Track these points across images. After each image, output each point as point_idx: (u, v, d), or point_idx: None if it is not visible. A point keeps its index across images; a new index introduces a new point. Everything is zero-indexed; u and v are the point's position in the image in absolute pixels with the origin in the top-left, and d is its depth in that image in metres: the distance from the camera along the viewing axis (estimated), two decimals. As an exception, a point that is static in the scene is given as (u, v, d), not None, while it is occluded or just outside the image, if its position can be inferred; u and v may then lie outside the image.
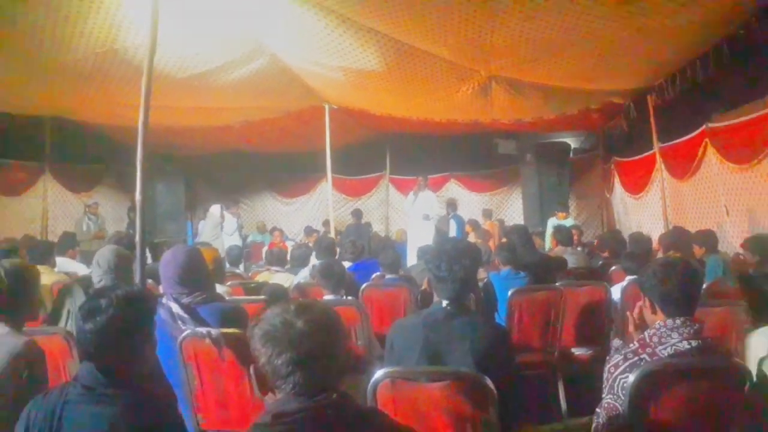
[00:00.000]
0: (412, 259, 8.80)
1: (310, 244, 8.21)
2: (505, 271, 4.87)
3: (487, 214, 12.27)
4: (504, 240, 6.35)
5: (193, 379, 2.90)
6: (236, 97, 8.01)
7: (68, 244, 6.58)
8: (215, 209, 10.88)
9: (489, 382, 2.16)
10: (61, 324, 3.62)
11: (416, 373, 2.29)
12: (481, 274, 5.12)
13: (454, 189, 13.61)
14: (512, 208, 13.06)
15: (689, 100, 7.51)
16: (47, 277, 4.57)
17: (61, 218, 10.89)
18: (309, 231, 12.20)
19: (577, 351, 4.54)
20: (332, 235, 9.35)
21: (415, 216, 10.29)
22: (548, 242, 8.86)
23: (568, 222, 9.08)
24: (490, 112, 8.78)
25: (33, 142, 10.53)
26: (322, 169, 10.22)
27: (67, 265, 5.99)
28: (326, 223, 11.17)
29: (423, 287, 4.76)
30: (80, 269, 6.00)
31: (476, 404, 2.18)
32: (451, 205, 11.87)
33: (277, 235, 12.21)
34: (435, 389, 2.21)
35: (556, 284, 4.58)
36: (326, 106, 9.21)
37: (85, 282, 3.87)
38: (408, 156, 12.90)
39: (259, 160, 13.29)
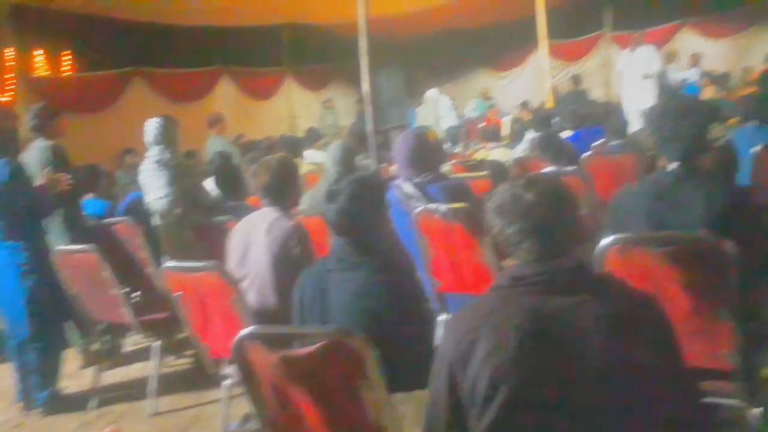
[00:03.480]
0: (631, 125, 8.17)
1: (526, 119, 8.10)
2: (750, 126, 4.28)
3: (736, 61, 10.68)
4: (749, 90, 5.60)
5: (428, 249, 3.17)
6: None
7: (314, 137, 7.50)
8: (431, 93, 11.14)
9: (730, 246, 1.96)
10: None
11: (647, 239, 2.16)
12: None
13: (687, 38, 12.02)
14: (763, 51, 11.18)
15: None
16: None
17: (304, 116, 12.28)
18: (525, 105, 11.92)
19: None
20: (550, 104, 9.06)
21: (631, 76, 9.18)
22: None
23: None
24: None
25: (272, 49, 11.89)
26: (534, 36, 9.69)
27: (313, 156, 6.75)
28: (543, 94, 10.80)
29: (653, 152, 4.52)
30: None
31: (715, 270, 2.01)
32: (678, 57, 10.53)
33: (494, 111, 12.19)
34: (668, 255, 2.07)
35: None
36: (535, -36, 8.65)
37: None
38: (631, 8, 11.55)
39: (470, 37, 12.96)
